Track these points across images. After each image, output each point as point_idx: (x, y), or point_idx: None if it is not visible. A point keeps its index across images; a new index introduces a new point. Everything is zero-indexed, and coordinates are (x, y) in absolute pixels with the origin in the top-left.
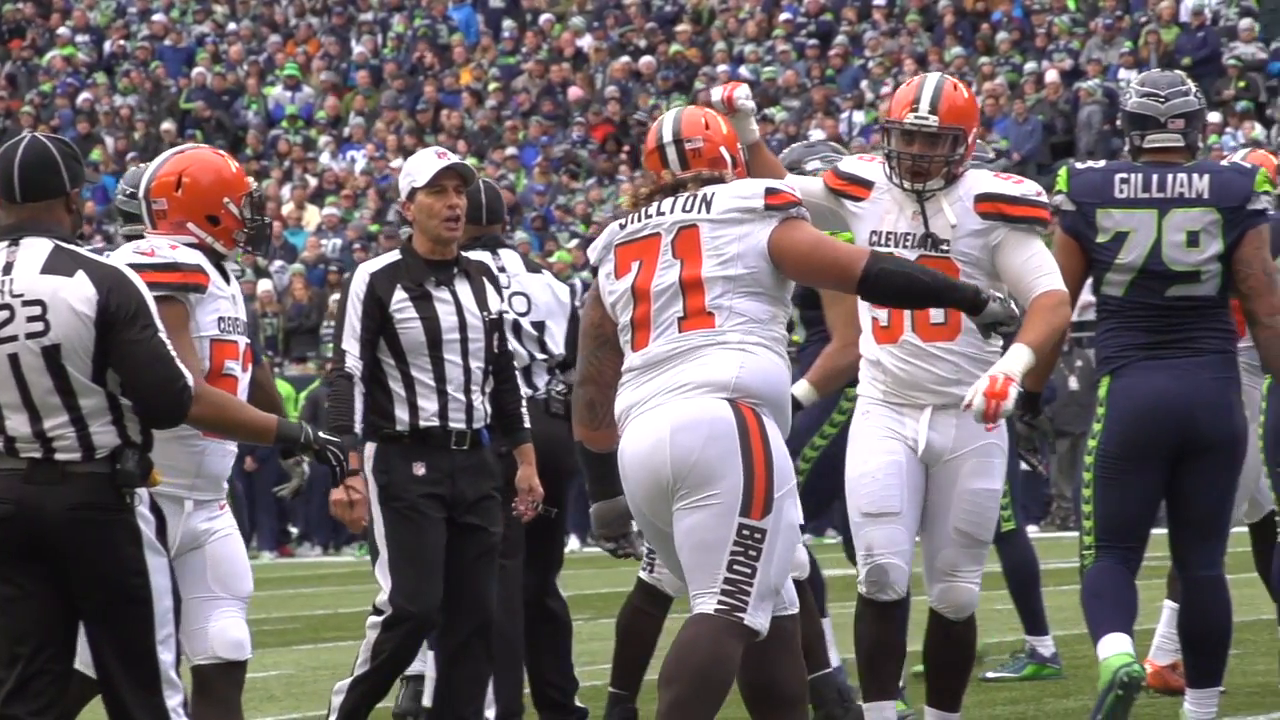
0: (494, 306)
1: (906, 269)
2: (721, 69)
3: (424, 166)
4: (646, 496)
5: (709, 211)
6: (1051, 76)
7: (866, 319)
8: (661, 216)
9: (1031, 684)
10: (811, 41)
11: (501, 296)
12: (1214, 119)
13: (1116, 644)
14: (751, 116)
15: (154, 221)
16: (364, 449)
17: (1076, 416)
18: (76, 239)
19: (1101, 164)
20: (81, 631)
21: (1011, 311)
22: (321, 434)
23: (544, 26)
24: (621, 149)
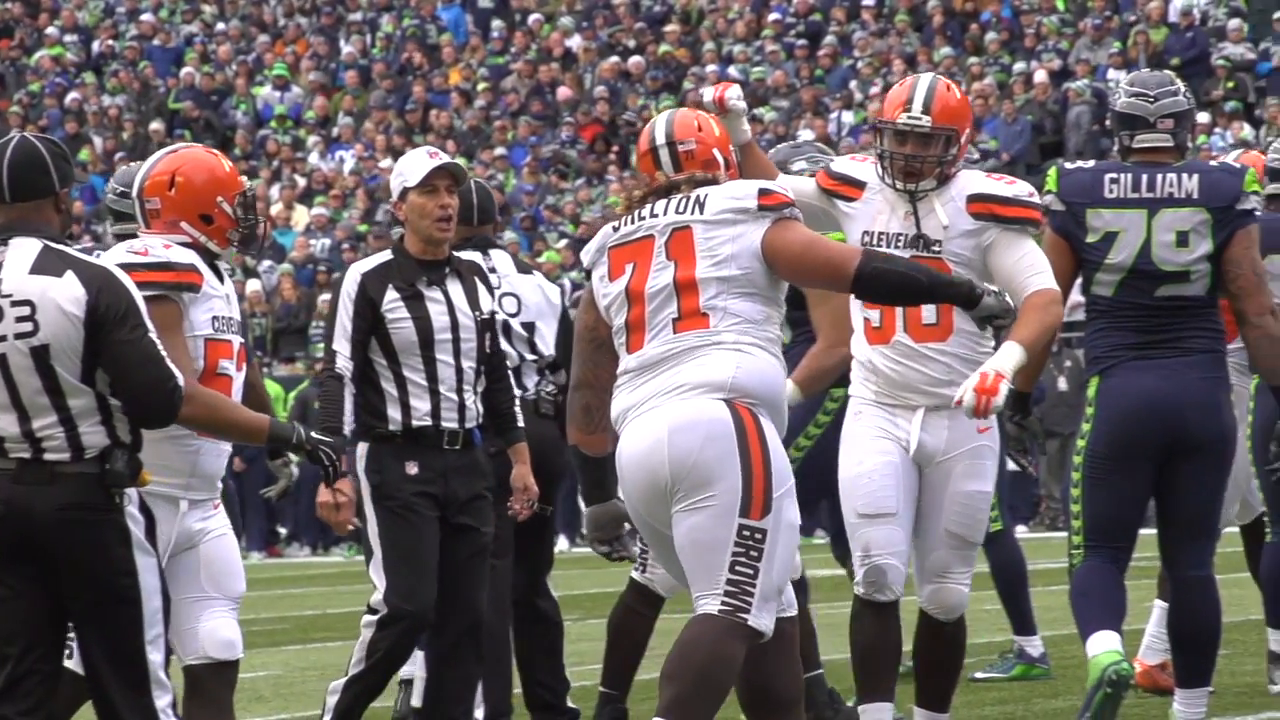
0: (486, 306)
1: (899, 267)
2: (710, 69)
3: (416, 166)
4: (644, 498)
5: (702, 213)
6: (1040, 77)
7: (858, 319)
8: (655, 218)
9: (1020, 684)
10: (800, 42)
11: (493, 296)
12: (1202, 119)
13: (1105, 642)
14: (743, 117)
15: (147, 221)
16: (356, 449)
17: (1065, 417)
18: (65, 239)
19: (1091, 164)
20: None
21: (1006, 305)
22: (314, 434)
23: (533, 26)
24: (610, 149)
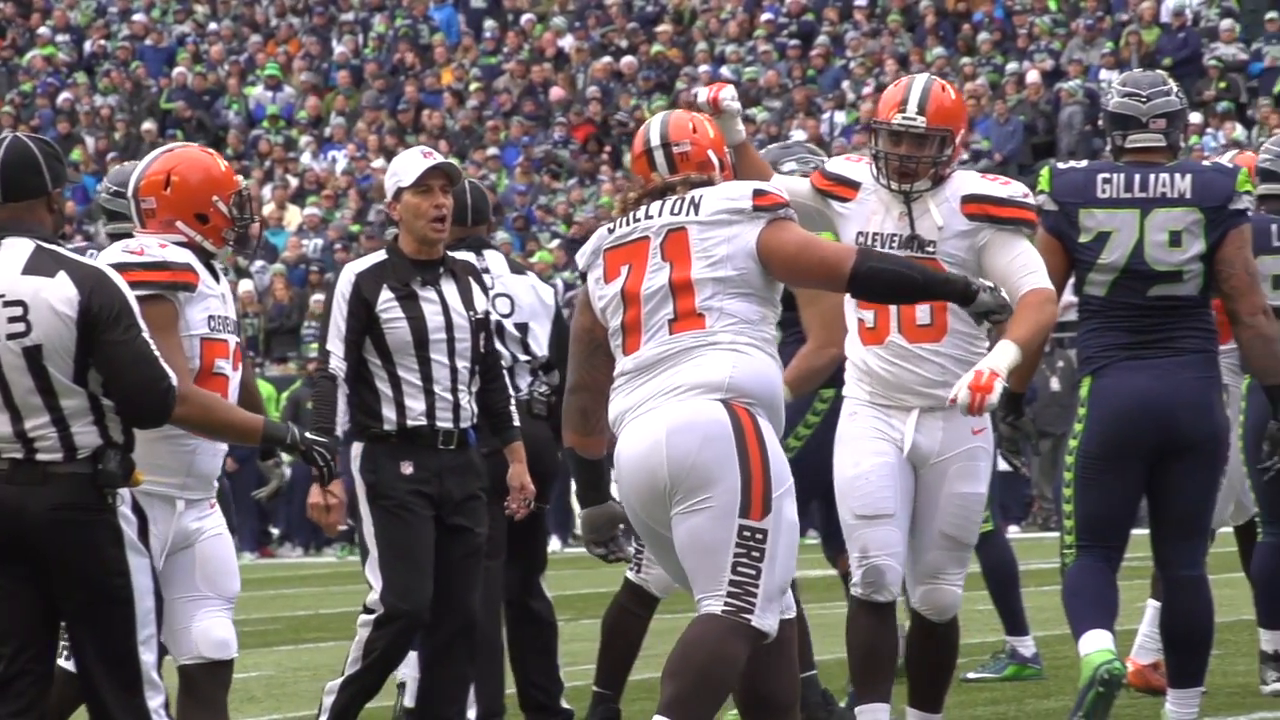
0: (480, 306)
1: (895, 265)
2: (703, 69)
3: (410, 166)
4: (643, 500)
5: (697, 213)
6: (1033, 77)
7: (852, 320)
8: (650, 220)
9: (1012, 684)
10: (793, 42)
11: (487, 296)
12: (1195, 120)
13: (1097, 641)
14: (738, 118)
15: (143, 220)
16: (350, 449)
17: (1058, 417)
18: (58, 239)
19: (1084, 164)
20: None
21: (1002, 300)
22: (308, 434)
23: (525, 26)
24: (603, 149)
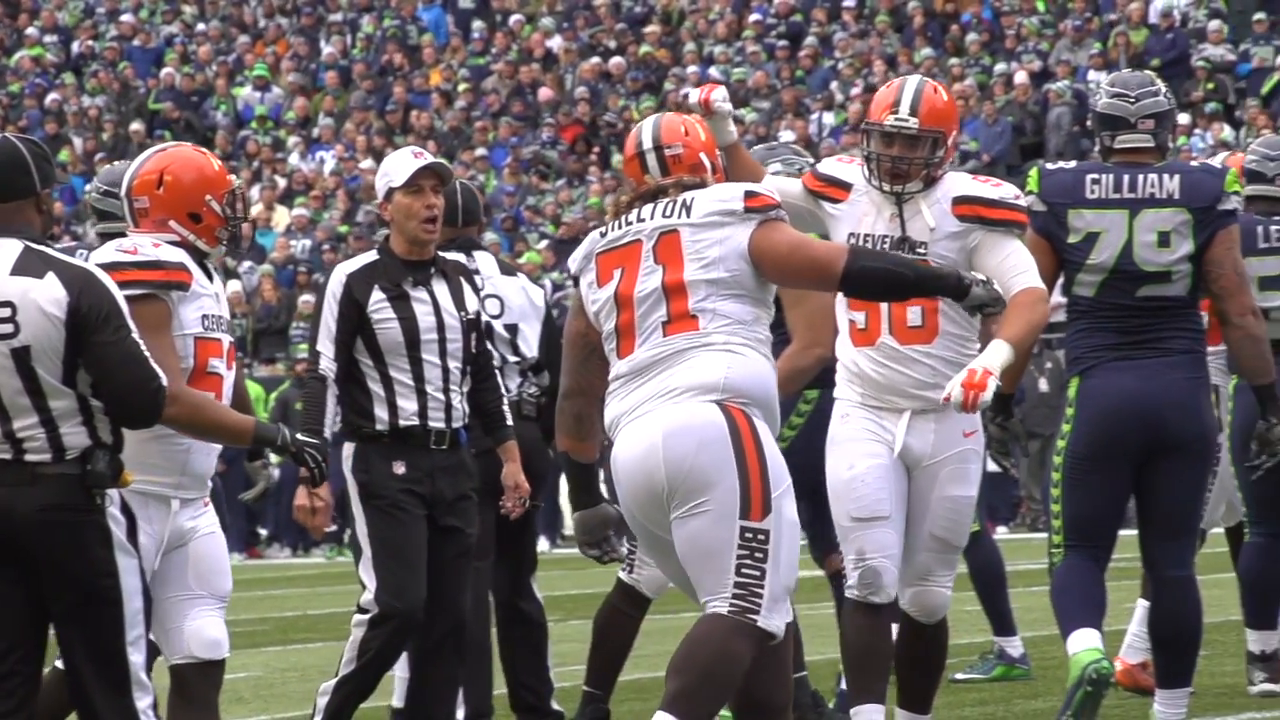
0: (471, 307)
1: (886, 263)
2: (691, 70)
3: (401, 166)
4: (640, 504)
5: (689, 216)
6: (1021, 78)
7: (843, 321)
8: (642, 223)
9: (1001, 685)
10: (781, 43)
11: (478, 296)
12: (1182, 120)
13: (1086, 640)
14: (729, 119)
15: (136, 219)
16: (341, 449)
17: (1046, 418)
18: (47, 240)
19: (1072, 165)
20: None
21: (996, 293)
22: (299, 436)
23: (514, 27)
24: (591, 150)
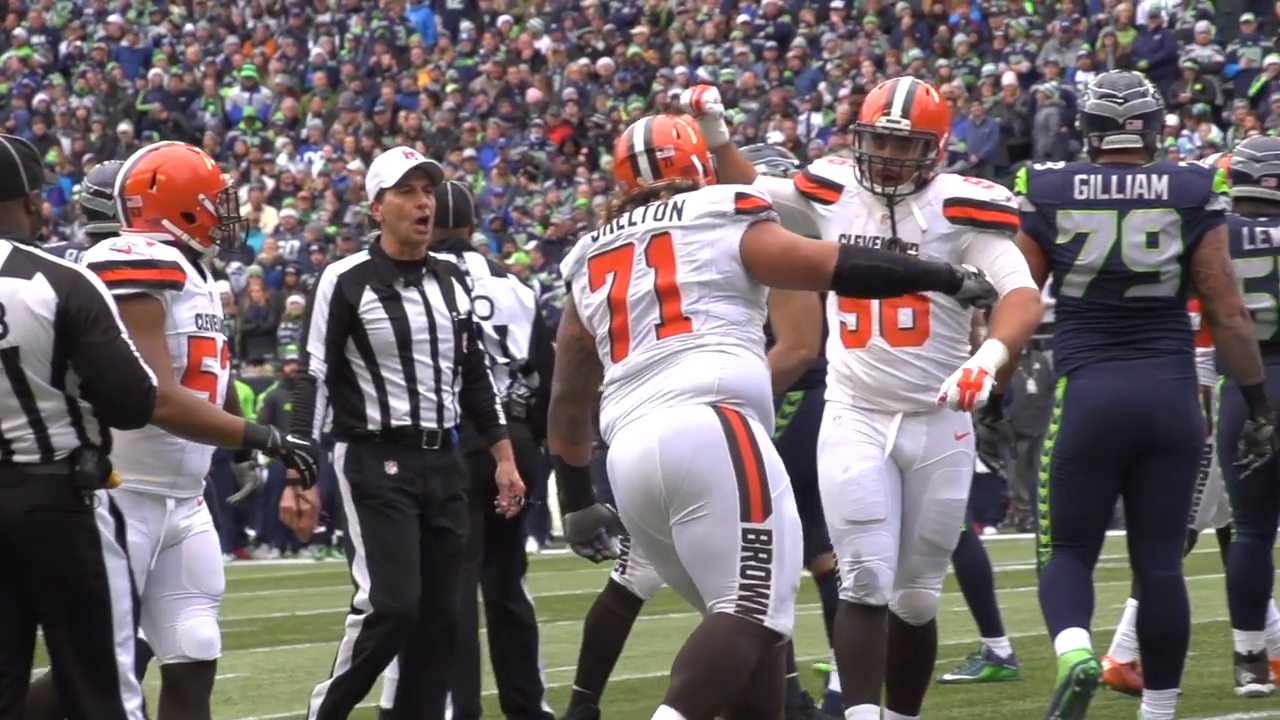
0: (463, 307)
1: (877, 260)
2: (679, 71)
3: (392, 167)
4: (639, 508)
5: (680, 218)
6: (1009, 79)
7: (834, 323)
8: (633, 226)
9: (989, 685)
10: (769, 43)
11: (469, 297)
12: (1170, 121)
13: (1074, 640)
14: (720, 120)
15: (129, 219)
16: (332, 450)
17: (1034, 419)
18: (35, 240)
19: (1061, 165)
20: None
21: (987, 285)
22: (290, 437)
23: (502, 28)
24: (579, 151)
